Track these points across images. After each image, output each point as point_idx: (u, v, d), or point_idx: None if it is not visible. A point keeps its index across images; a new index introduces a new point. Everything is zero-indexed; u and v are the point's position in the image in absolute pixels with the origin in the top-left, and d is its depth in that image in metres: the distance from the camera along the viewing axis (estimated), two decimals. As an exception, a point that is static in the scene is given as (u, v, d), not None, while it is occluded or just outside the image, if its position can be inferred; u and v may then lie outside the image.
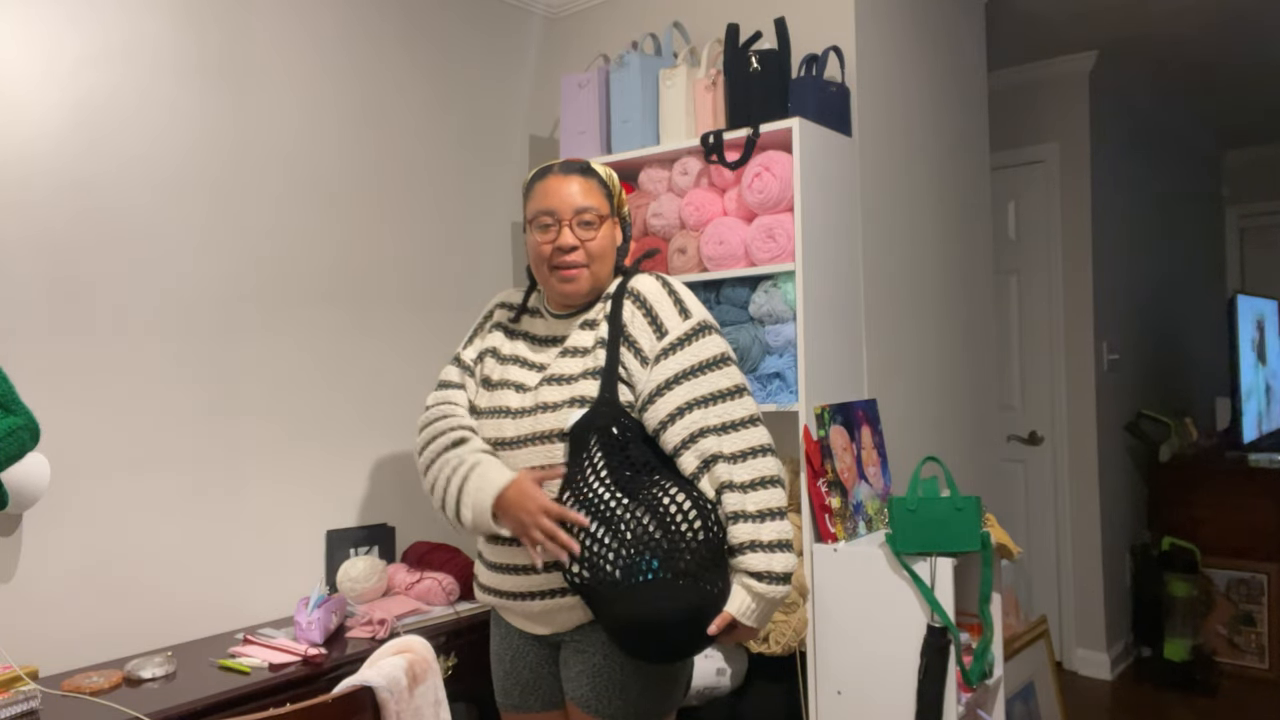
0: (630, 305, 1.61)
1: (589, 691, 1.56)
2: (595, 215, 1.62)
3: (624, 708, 1.54)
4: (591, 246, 1.61)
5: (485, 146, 3.01)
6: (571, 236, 1.60)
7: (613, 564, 1.45)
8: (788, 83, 2.39)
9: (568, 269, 1.62)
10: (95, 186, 2.07)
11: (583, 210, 1.61)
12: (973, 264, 3.17)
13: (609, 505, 1.48)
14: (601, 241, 1.62)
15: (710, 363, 1.55)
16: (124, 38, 2.12)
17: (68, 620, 2.00)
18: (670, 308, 1.60)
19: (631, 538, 1.45)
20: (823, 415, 2.26)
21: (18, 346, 1.94)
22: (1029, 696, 2.88)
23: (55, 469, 1.97)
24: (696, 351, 1.56)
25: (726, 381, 1.55)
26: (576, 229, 1.61)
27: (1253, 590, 3.96)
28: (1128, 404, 4.34)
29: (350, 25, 2.61)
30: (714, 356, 1.56)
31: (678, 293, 1.62)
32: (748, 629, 1.50)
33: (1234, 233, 6.04)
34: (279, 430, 2.40)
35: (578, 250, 1.61)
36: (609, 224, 1.65)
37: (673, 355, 1.55)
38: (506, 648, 1.72)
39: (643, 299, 1.61)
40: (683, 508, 1.47)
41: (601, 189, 1.65)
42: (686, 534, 1.46)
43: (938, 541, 2.10)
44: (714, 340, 1.58)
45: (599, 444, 1.52)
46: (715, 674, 2.34)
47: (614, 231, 1.68)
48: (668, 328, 1.58)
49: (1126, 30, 3.67)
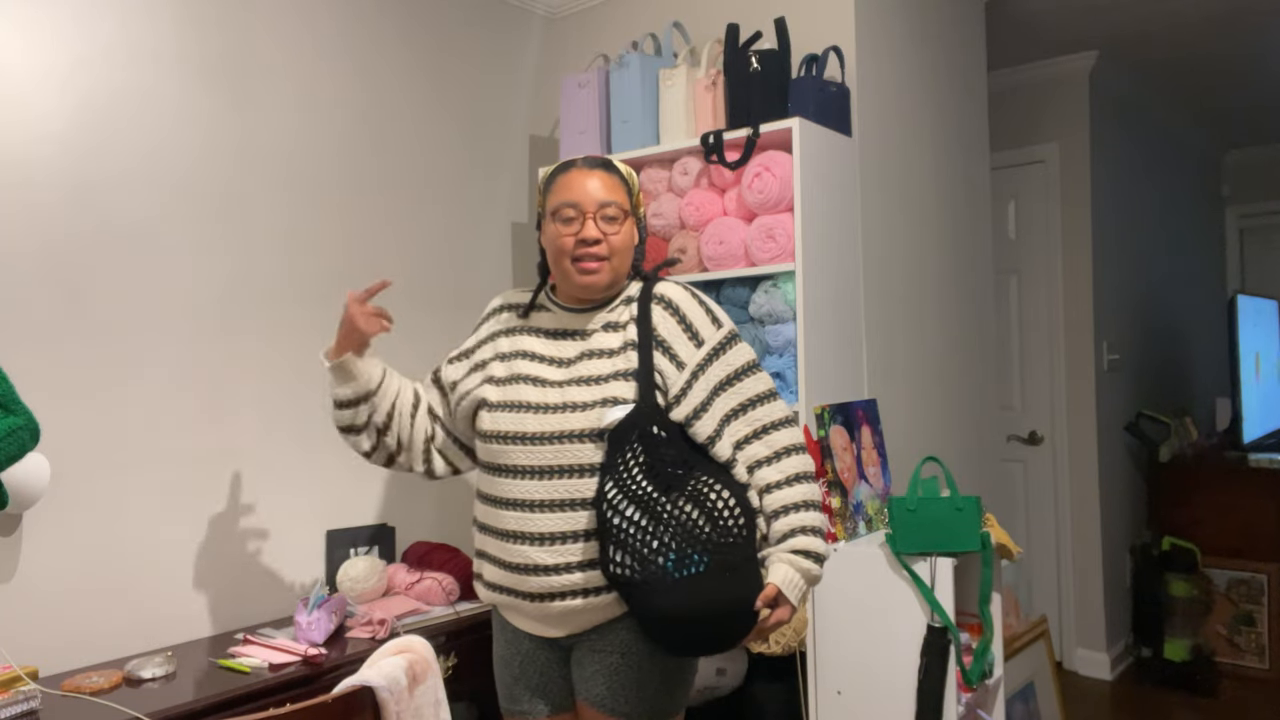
0: (661, 310, 1.64)
1: (605, 691, 1.56)
2: (619, 210, 1.63)
3: (639, 705, 1.54)
4: (614, 241, 1.63)
5: (485, 146, 3.01)
6: (595, 229, 1.61)
7: (664, 556, 1.46)
8: (788, 83, 2.39)
9: (589, 261, 1.62)
10: (96, 187, 2.07)
11: (606, 204, 1.62)
12: (973, 264, 3.16)
13: (655, 498, 1.48)
14: (624, 237, 1.65)
15: (745, 369, 1.64)
16: (125, 39, 2.12)
17: (68, 620, 2.00)
18: (704, 316, 1.65)
19: (681, 530, 1.47)
20: (823, 415, 2.26)
21: (18, 346, 1.94)
22: (1029, 696, 2.88)
23: (55, 469, 1.98)
24: (731, 360, 1.63)
25: (761, 386, 1.65)
26: (600, 223, 1.61)
27: (1253, 590, 3.96)
28: (1128, 404, 4.34)
29: (351, 26, 2.61)
30: (747, 363, 1.65)
31: (707, 302, 1.68)
32: (788, 606, 1.56)
33: (1234, 233, 6.03)
34: (279, 430, 2.40)
35: (601, 244, 1.61)
36: (629, 221, 1.67)
37: (711, 366, 1.62)
38: (515, 652, 1.68)
39: (675, 306, 1.65)
40: (728, 503, 1.51)
41: (623, 185, 1.67)
42: (733, 528, 1.50)
43: (938, 541, 2.10)
44: (744, 347, 1.67)
45: (640, 441, 1.52)
46: (715, 674, 2.34)
47: (631, 229, 1.69)
48: (704, 337, 1.63)
49: (1126, 30, 3.67)
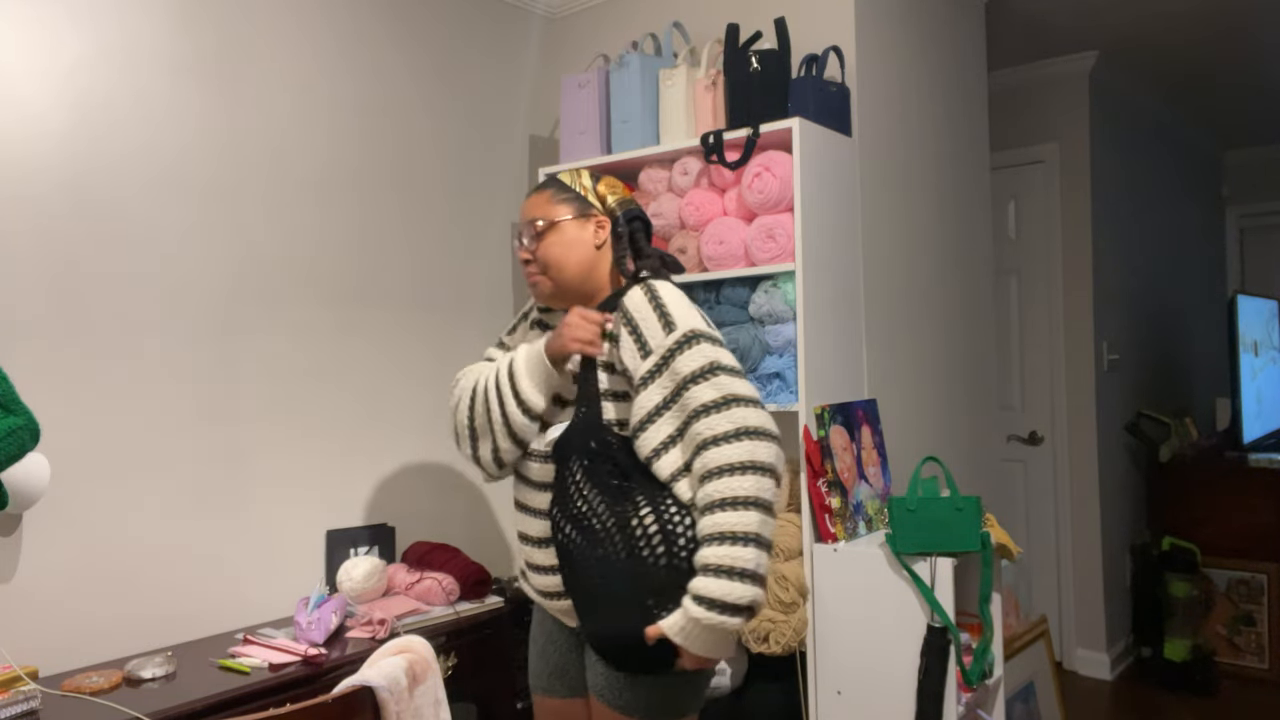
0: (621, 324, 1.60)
1: (603, 682, 1.61)
2: (543, 224, 1.67)
3: (634, 700, 1.57)
4: (540, 254, 1.68)
5: (485, 146, 3.01)
6: (522, 249, 1.71)
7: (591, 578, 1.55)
8: (788, 83, 2.39)
9: (529, 275, 1.72)
10: (94, 186, 2.07)
11: (529, 222, 1.69)
12: (973, 264, 3.16)
13: (588, 519, 1.56)
14: (549, 249, 1.67)
15: (694, 376, 1.49)
16: (121, 37, 2.12)
17: (68, 620, 2.00)
18: (655, 323, 1.55)
19: (604, 557, 1.53)
20: (823, 415, 2.26)
21: (18, 346, 1.94)
22: (1029, 696, 2.88)
23: (55, 469, 1.97)
24: (680, 367, 1.51)
25: (709, 394, 1.48)
26: (527, 240, 1.69)
27: (1253, 590, 3.96)
28: (1128, 404, 4.34)
29: (349, 26, 2.61)
30: (697, 370, 1.49)
31: (663, 304, 1.56)
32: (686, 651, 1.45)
33: (1234, 233, 6.03)
34: (279, 430, 2.40)
35: (531, 262, 1.70)
36: (565, 226, 1.67)
37: (658, 377, 1.53)
38: (541, 632, 1.80)
39: (629, 316, 1.58)
40: (648, 531, 1.50)
41: (559, 195, 1.69)
42: (648, 559, 1.50)
43: (938, 541, 2.10)
44: (699, 350, 1.51)
45: (579, 461, 1.59)
46: (715, 674, 2.34)
47: (579, 233, 1.67)
48: (651, 347, 1.54)
49: (1126, 30, 3.67)
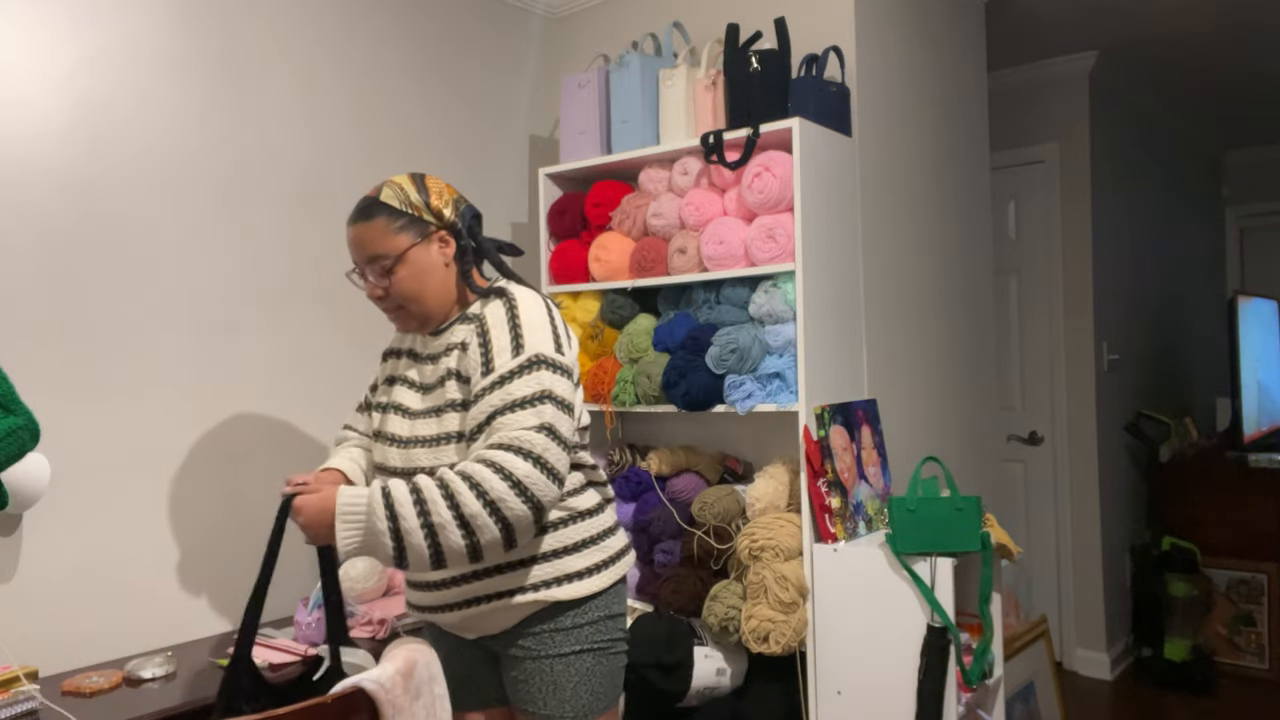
0: (472, 332, 1.55)
1: (523, 693, 1.58)
2: (389, 259, 1.53)
3: (559, 706, 1.56)
4: (394, 291, 1.55)
5: (485, 146, 3.01)
6: (372, 288, 1.57)
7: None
8: (788, 83, 2.39)
9: (388, 313, 1.60)
10: (95, 186, 2.07)
11: (373, 260, 1.54)
12: (973, 264, 3.16)
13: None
14: (401, 284, 1.54)
15: (520, 403, 1.44)
16: (123, 38, 2.12)
17: (68, 620, 2.00)
18: (506, 342, 1.49)
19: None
20: (823, 415, 2.26)
21: (18, 346, 1.94)
22: (1029, 696, 2.88)
23: (55, 469, 1.97)
24: (511, 391, 1.45)
25: (532, 420, 1.43)
26: (375, 279, 1.56)
27: (1253, 590, 3.96)
28: (1128, 404, 4.34)
29: (350, 25, 2.61)
30: (527, 396, 1.44)
31: (518, 322, 1.51)
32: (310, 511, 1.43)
33: (1234, 233, 6.04)
34: (278, 429, 2.40)
35: (384, 299, 1.57)
36: (411, 255, 1.54)
37: (486, 397, 1.46)
38: (442, 648, 1.73)
39: (485, 329, 1.53)
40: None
41: (394, 222, 1.53)
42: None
43: (938, 541, 2.10)
44: (536, 377, 1.46)
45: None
46: (715, 674, 2.34)
47: (427, 257, 1.56)
48: (495, 365, 1.48)
49: (1126, 30, 3.67)
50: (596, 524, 1.62)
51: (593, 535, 1.61)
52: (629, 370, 2.55)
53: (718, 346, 2.34)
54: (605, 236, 2.63)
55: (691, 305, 2.54)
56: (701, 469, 2.60)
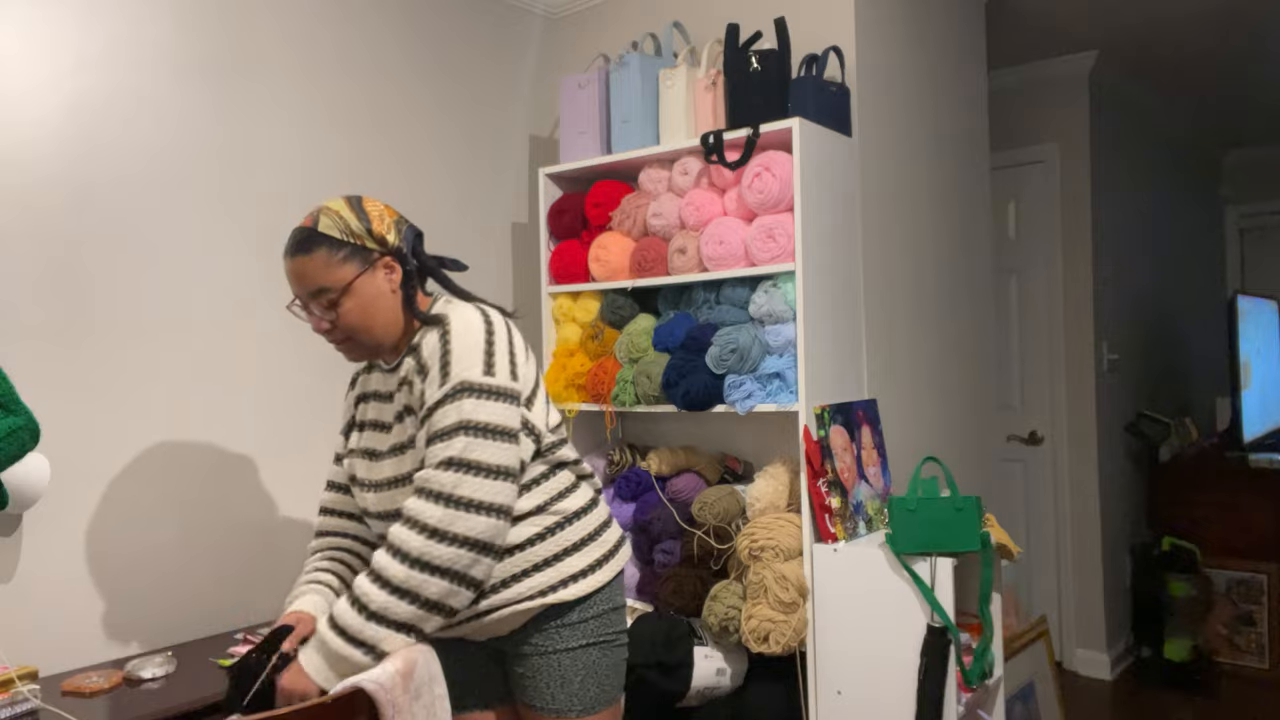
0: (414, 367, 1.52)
1: (530, 689, 1.59)
2: (334, 292, 1.48)
3: (568, 700, 1.57)
4: (341, 323, 1.51)
5: (485, 147, 3.01)
6: (318, 321, 1.52)
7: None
8: (788, 83, 2.39)
9: (337, 346, 1.56)
10: (95, 186, 2.07)
11: (317, 293, 1.49)
12: (973, 264, 3.17)
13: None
14: (348, 316, 1.50)
15: (438, 435, 1.41)
16: (124, 38, 2.12)
17: (68, 620, 2.00)
18: (437, 371, 1.46)
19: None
20: (823, 415, 2.26)
21: (18, 346, 1.94)
22: (1029, 696, 2.88)
23: (55, 469, 1.97)
24: (433, 423, 1.43)
25: (445, 453, 1.39)
26: (321, 311, 1.50)
27: (1253, 590, 3.96)
28: (1128, 404, 4.34)
29: (350, 26, 2.61)
30: (443, 429, 1.41)
31: (449, 350, 1.46)
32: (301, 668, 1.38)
33: (1234, 233, 6.03)
34: (278, 429, 2.40)
35: (332, 331, 1.53)
36: (356, 286, 1.49)
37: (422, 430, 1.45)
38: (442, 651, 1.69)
39: (422, 363, 1.50)
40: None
41: (336, 253, 1.48)
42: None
43: (938, 541, 2.10)
44: (456, 406, 1.41)
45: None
46: (715, 674, 2.34)
47: (372, 286, 1.51)
48: (426, 396, 1.46)
49: (1126, 30, 3.67)
50: (593, 519, 1.63)
51: (590, 532, 1.61)
52: (629, 370, 2.55)
53: (718, 346, 2.34)
54: (605, 236, 2.63)
55: (691, 305, 2.54)
56: (701, 469, 2.60)
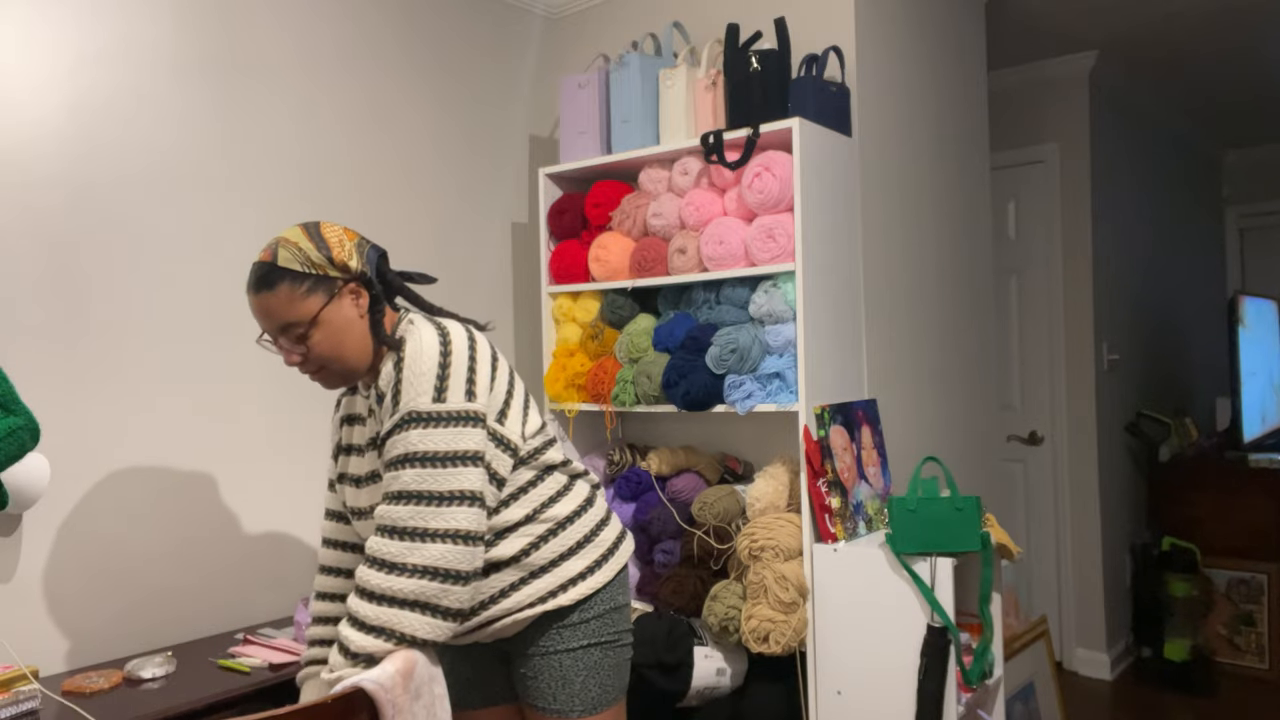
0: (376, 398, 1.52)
1: (533, 689, 1.59)
2: (302, 326, 1.47)
3: (569, 700, 1.57)
4: (313, 355, 1.50)
5: (485, 146, 3.01)
6: (289, 354, 1.51)
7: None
8: (788, 83, 2.39)
9: (311, 377, 1.55)
10: (95, 186, 2.07)
11: (284, 327, 1.48)
12: (973, 264, 3.17)
13: None
14: (319, 347, 1.49)
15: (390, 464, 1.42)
16: (124, 38, 2.12)
17: (68, 620, 2.00)
18: (390, 400, 1.45)
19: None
20: (823, 415, 2.26)
21: (17, 346, 1.94)
22: (1029, 696, 2.88)
23: (55, 469, 1.97)
24: (385, 454, 1.43)
25: (394, 486, 1.40)
26: (290, 345, 1.50)
27: (1253, 590, 3.96)
28: (1128, 404, 4.34)
29: (350, 26, 2.61)
30: (394, 459, 1.41)
31: (402, 378, 1.45)
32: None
33: (1234, 233, 6.04)
34: (278, 429, 2.40)
35: (304, 363, 1.52)
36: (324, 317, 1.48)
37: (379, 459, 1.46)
38: (445, 648, 1.72)
39: (380, 391, 1.50)
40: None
41: (298, 286, 1.46)
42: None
43: (938, 541, 2.10)
44: (404, 438, 1.41)
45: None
46: (715, 674, 2.34)
47: (340, 315, 1.49)
48: (383, 427, 1.46)
49: (1126, 30, 3.67)
50: (589, 520, 1.62)
51: (587, 533, 1.61)
52: (629, 370, 2.55)
53: (718, 346, 2.34)
54: (605, 236, 2.63)
55: (691, 305, 2.54)
56: (701, 469, 2.60)
